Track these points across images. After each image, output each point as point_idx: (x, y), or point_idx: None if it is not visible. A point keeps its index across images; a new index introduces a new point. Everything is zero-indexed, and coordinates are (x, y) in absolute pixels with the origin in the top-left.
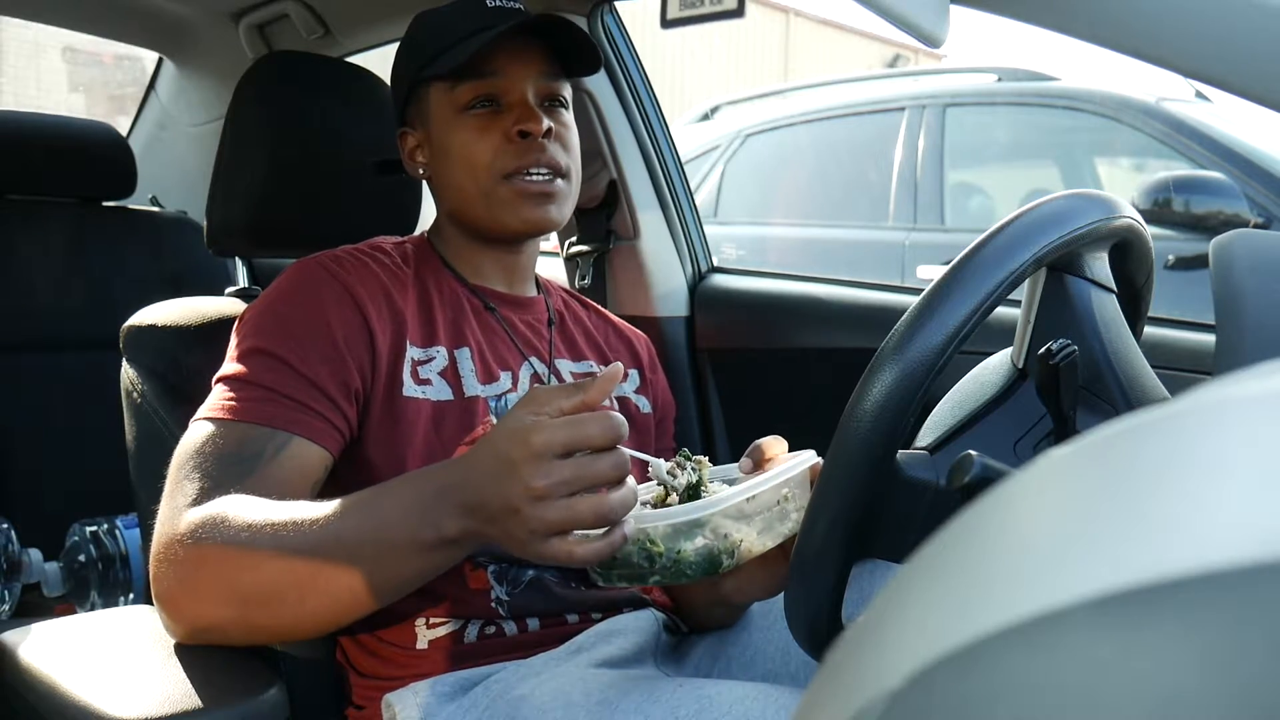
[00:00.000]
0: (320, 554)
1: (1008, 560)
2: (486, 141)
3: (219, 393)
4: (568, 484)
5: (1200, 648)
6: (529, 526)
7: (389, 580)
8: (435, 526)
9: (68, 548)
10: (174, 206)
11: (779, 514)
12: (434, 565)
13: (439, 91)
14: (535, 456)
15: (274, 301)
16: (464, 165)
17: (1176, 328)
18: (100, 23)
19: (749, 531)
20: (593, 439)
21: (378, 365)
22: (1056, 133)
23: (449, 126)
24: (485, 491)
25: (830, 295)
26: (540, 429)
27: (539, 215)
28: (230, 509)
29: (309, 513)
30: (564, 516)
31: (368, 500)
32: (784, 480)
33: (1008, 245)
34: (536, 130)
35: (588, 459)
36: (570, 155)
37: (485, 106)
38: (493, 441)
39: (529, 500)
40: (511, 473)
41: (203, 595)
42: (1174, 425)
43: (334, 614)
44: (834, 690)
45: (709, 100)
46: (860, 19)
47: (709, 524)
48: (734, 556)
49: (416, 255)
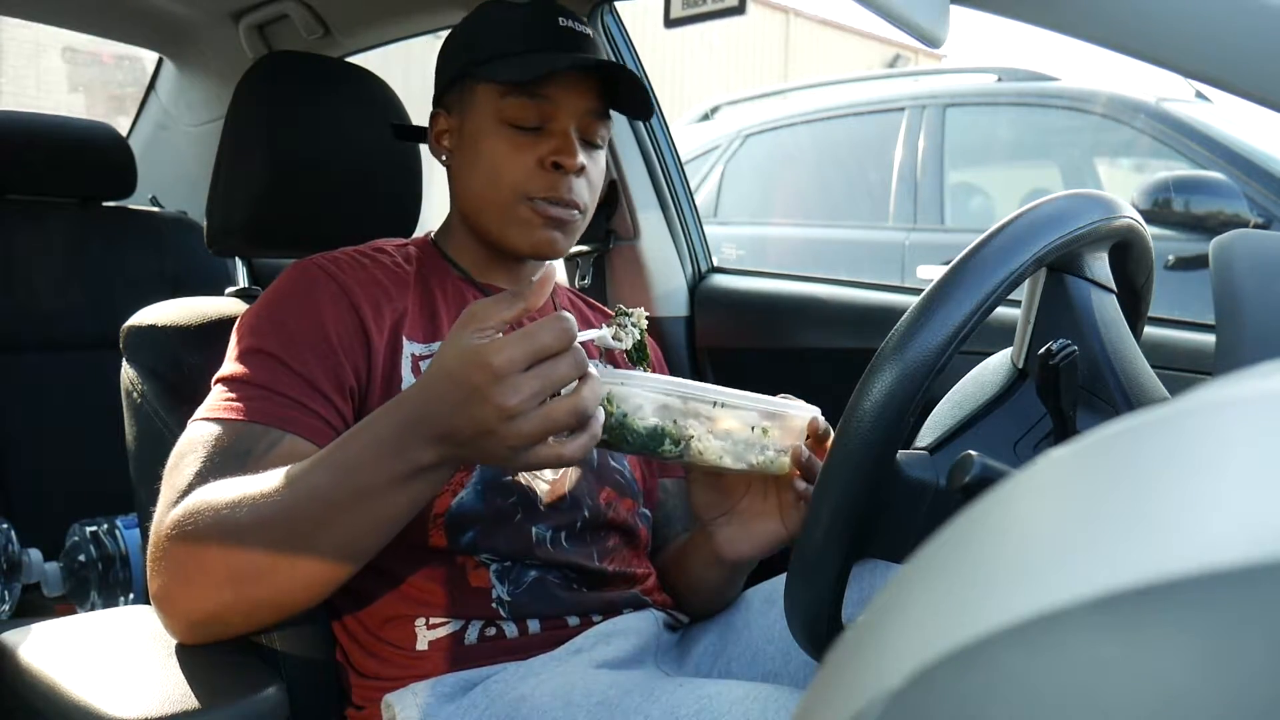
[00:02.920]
0: (299, 513)
1: (1008, 560)
2: (519, 160)
3: (216, 393)
4: (537, 395)
5: (1200, 648)
6: (507, 444)
7: (376, 523)
8: (408, 460)
9: (68, 548)
10: (174, 206)
11: (751, 442)
12: (418, 496)
13: (486, 92)
14: (498, 377)
15: (270, 303)
16: (490, 175)
17: (1176, 328)
18: (100, 23)
19: (708, 438)
20: (549, 346)
21: (373, 363)
22: (1056, 133)
23: (486, 131)
24: (454, 419)
25: (830, 295)
26: (497, 348)
27: (548, 240)
28: (208, 494)
29: (282, 478)
30: (541, 426)
31: (333, 451)
32: (770, 410)
33: (1008, 245)
34: (571, 166)
35: (549, 364)
36: (592, 194)
37: (528, 125)
38: (447, 369)
39: (503, 420)
40: (478, 397)
41: (195, 584)
42: (1174, 425)
43: (329, 571)
44: (834, 690)
45: (709, 100)
46: (860, 19)
47: (675, 409)
48: (679, 446)
49: (420, 256)
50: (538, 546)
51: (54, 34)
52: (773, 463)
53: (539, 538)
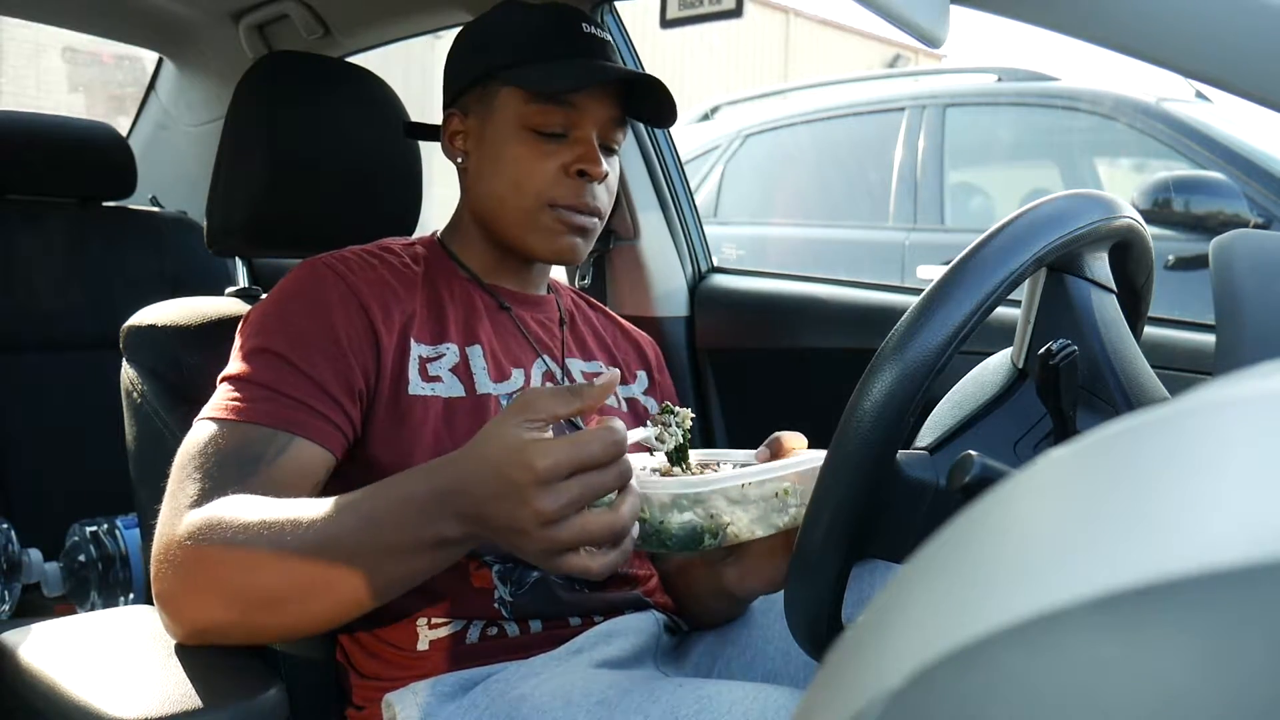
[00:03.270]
0: (320, 556)
1: (1008, 560)
2: (542, 168)
3: (222, 392)
4: (575, 504)
5: (1200, 648)
6: (540, 546)
7: (391, 579)
8: (434, 529)
9: (68, 548)
10: (174, 206)
11: (776, 505)
12: (437, 563)
13: (510, 96)
14: (541, 481)
15: (279, 301)
16: (512, 181)
17: (1176, 328)
18: (100, 23)
19: (741, 517)
20: (597, 458)
21: (382, 365)
22: (1056, 133)
23: (508, 136)
24: (487, 508)
25: (830, 295)
26: (544, 451)
27: (569, 246)
28: (228, 510)
29: (306, 512)
30: (576, 536)
31: (361, 501)
32: (787, 473)
33: (1008, 245)
34: (596, 175)
35: (594, 475)
36: (610, 199)
37: (553, 132)
38: (490, 458)
39: (538, 524)
40: (516, 495)
41: (203, 597)
42: (1174, 425)
43: (337, 613)
44: (834, 690)
45: (709, 100)
46: (860, 19)
47: (704, 501)
48: (718, 538)
49: (427, 256)
50: None
51: (54, 34)
52: (796, 519)
53: None
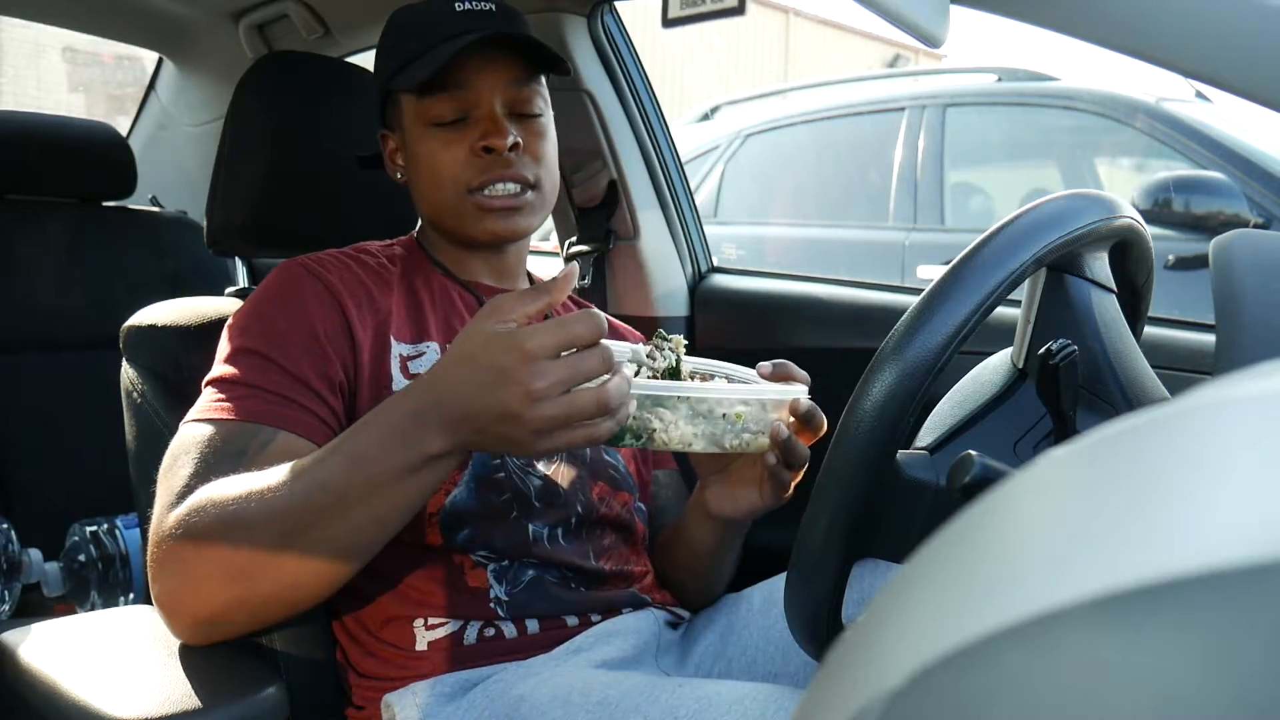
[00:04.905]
0: (309, 504)
1: (1008, 560)
2: (451, 155)
3: (207, 395)
4: (564, 383)
5: (1200, 648)
6: (531, 427)
7: (384, 514)
8: (418, 448)
9: (68, 548)
10: (174, 206)
11: (726, 427)
12: (425, 486)
13: (407, 101)
14: (529, 359)
15: (256, 304)
16: (431, 177)
17: (1176, 328)
18: (100, 23)
19: (683, 428)
20: (581, 337)
21: (359, 361)
22: (1056, 133)
23: (418, 137)
24: (475, 402)
25: (830, 295)
26: (530, 333)
27: (504, 227)
28: (212, 491)
29: (290, 471)
30: (565, 411)
31: (343, 442)
32: (736, 398)
33: (1008, 245)
34: (500, 146)
35: (578, 356)
36: (542, 165)
37: (452, 119)
38: (470, 353)
39: (528, 402)
40: (505, 379)
41: (200, 582)
42: (1174, 425)
43: (336, 564)
44: (834, 690)
45: (709, 100)
46: (860, 19)
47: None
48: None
49: (404, 255)
50: (534, 544)
51: (54, 34)
52: (749, 445)
53: (535, 535)
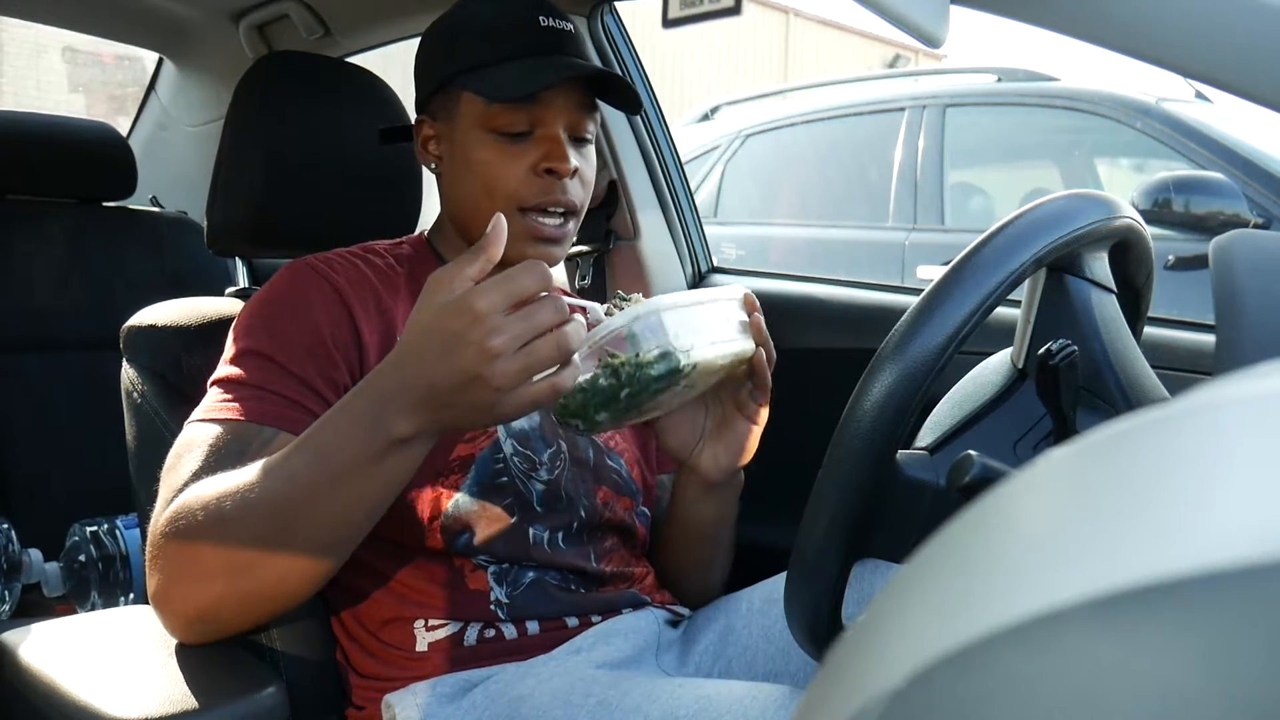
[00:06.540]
0: (281, 498)
1: (1007, 560)
2: (511, 169)
3: (211, 396)
4: (519, 338)
5: (1200, 648)
6: (494, 385)
7: (353, 505)
8: (383, 434)
9: (68, 548)
10: (174, 206)
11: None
12: (393, 474)
13: (472, 101)
14: (480, 318)
15: (263, 304)
16: (482, 185)
17: (1176, 328)
18: (100, 23)
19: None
20: (528, 288)
21: (365, 364)
22: (1056, 133)
23: (475, 140)
24: (434, 375)
25: (830, 295)
26: (478, 293)
27: (543, 255)
28: (199, 490)
29: (264, 467)
30: (526, 363)
31: (311, 433)
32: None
33: (1008, 245)
34: (565, 171)
35: (531, 308)
36: (586, 191)
37: (517, 132)
38: (423, 325)
39: (487, 361)
40: (459, 342)
41: (188, 579)
42: (1174, 425)
43: (315, 559)
44: (834, 690)
45: (709, 100)
46: (860, 19)
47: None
48: (689, 357)
49: (412, 256)
50: (535, 548)
51: (54, 34)
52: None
53: (536, 539)
